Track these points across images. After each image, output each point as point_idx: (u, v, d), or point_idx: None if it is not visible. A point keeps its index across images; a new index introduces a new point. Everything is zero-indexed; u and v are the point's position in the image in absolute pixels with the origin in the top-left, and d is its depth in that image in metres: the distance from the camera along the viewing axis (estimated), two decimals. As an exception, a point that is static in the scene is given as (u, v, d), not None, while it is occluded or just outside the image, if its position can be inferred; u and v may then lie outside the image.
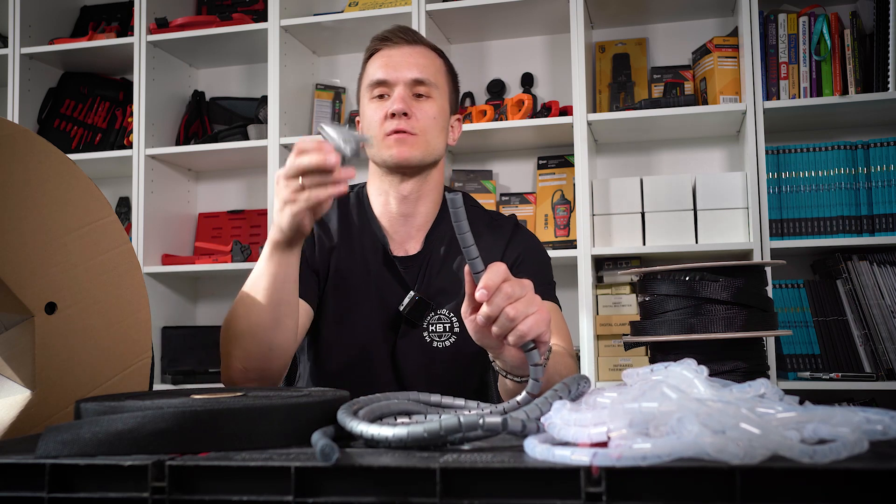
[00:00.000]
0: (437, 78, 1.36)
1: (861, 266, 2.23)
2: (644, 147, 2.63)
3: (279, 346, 1.16)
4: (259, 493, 0.57)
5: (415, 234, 1.39)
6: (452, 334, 1.36)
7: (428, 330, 1.35)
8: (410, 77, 1.32)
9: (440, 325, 1.35)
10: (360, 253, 1.37)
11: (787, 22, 2.33)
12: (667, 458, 0.52)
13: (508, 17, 2.58)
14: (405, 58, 1.34)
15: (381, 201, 1.38)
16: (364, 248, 1.37)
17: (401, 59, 1.34)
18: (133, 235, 2.65)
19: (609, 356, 2.35)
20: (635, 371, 0.76)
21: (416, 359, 1.36)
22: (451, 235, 1.37)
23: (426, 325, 1.35)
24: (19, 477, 0.61)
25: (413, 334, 1.36)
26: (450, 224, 1.36)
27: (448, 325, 1.36)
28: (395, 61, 1.34)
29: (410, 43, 1.37)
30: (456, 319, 1.36)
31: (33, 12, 2.88)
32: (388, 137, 1.31)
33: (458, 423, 0.61)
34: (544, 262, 1.43)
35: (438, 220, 1.40)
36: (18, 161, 0.90)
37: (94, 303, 0.93)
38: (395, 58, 1.34)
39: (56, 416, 0.89)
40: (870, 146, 2.27)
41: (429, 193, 1.38)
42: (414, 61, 1.34)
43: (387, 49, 1.36)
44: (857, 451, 0.54)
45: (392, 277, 1.36)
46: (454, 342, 1.35)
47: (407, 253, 1.38)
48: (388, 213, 1.38)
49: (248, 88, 2.99)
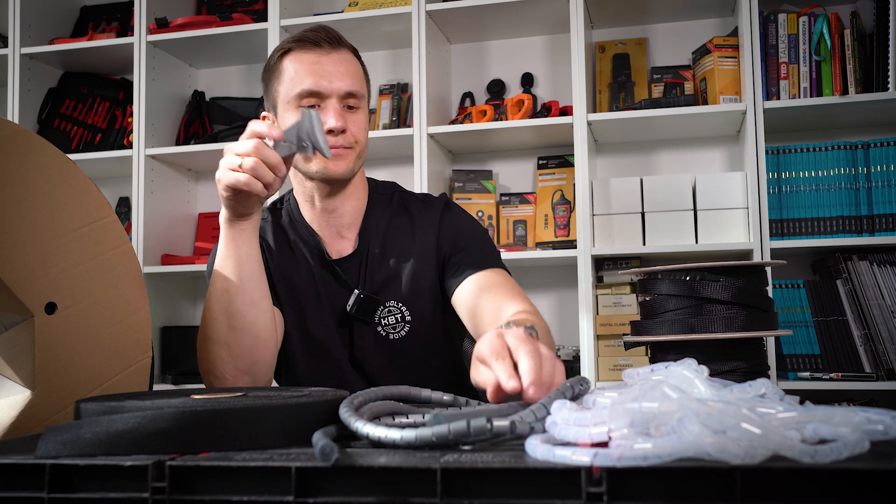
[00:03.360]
0: (362, 87, 1.35)
1: (861, 266, 2.23)
2: (644, 147, 2.63)
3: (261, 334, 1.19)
4: (259, 493, 0.57)
5: (346, 232, 1.39)
6: (405, 324, 1.36)
7: (381, 324, 1.36)
8: (344, 89, 1.30)
9: (391, 318, 1.36)
10: (300, 261, 1.38)
11: (787, 22, 2.33)
12: (667, 458, 0.52)
13: (508, 17, 2.58)
14: (336, 66, 1.30)
15: (308, 206, 1.39)
16: (303, 256, 1.38)
17: (332, 69, 1.30)
18: (133, 235, 2.65)
19: (609, 356, 2.35)
20: (635, 371, 0.76)
21: (375, 354, 1.37)
22: (384, 228, 1.39)
23: (378, 319, 1.36)
24: (19, 477, 0.61)
25: (367, 331, 1.36)
26: (381, 215, 1.40)
27: (399, 316, 1.36)
28: (326, 70, 1.29)
29: (335, 47, 1.32)
30: (406, 309, 1.36)
31: (33, 12, 2.88)
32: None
33: (467, 427, 0.61)
34: (483, 236, 1.43)
35: (367, 212, 1.40)
36: (18, 161, 0.90)
37: (94, 303, 0.93)
38: (325, 66, 1.30)
39: (56, 416, 0.89)
40: (870, 146, 2.27)
41: (354, 191, 1.38)
42: (344, 70, 1.31)
43: (309, 53, 1.31)
44: (857, 451, 0.54)
45: (334, 280, 1.37)
46: (409, 331, 1.36)
47: (342, 254, 1.38)
48: (316, 216, 1.38)
49: (248, 88, 2.99)
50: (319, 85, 1.29)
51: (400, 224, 1.41)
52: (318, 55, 1.30)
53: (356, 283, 1.36)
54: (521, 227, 2.62)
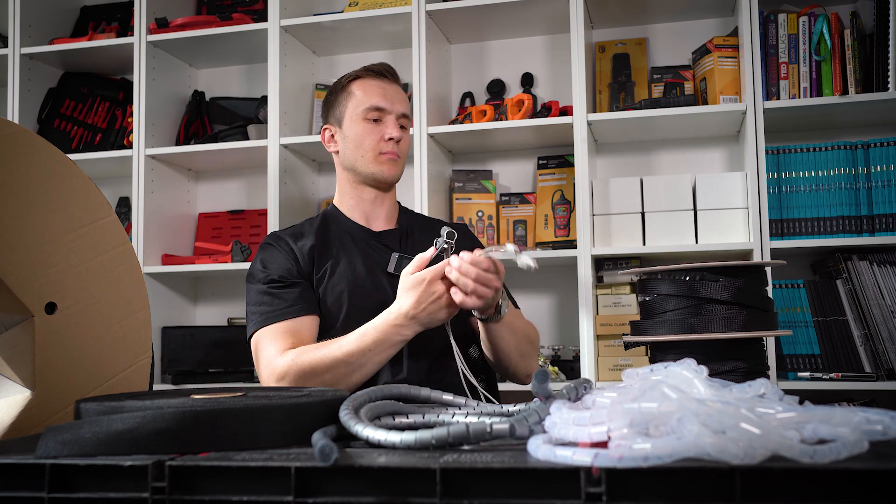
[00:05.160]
0: (410, 113, 1.70)
1: (861, 266, 2.23)
2: (644, 147, 2.63)
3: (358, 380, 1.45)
4: (259, 493, 0.57)
5: (386, 222, 1.68)
6: None
7: None
8: (401, 111, 1.64)
9: None
10: (340, 239, 1.62)
11: (787, 22, 2.33)
12: (668, 458, 0.52)
13: (508, 17, 2.58)
14: (395, 93, 1.65)
15: (354, 204, 1.66)
16: (345, 235, 1.63)
17: (394, 94, 1.64)
18: (133, 235, 2.65)
19: (609, 356, 2.35)
20: (635, 371, 0.76)
21: None
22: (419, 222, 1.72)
23: None
24: (19, 477, 0.61)
25: None
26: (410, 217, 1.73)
27: None
28: (389, 94, 1.64)
29: (395, 82, 1.68)
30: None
31: (33, 12, 2.88)
32: (382, 156, 1.60)
33: (467, 431, 0.61)
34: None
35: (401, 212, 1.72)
36: (19, 161, 0.90)
37: (94, 303, 0.93)
38: (388, 91, 1.64)
39: (56, 416, 0.89)
40: (870, 146, 2.27)
41: (392, 196, 1.70)
42: (401, 97, 1.66)
43: (376, 80, 1.65)
44: (856, 451, 0.54)
45: (379, 248, 1.61)
46: None
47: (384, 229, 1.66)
48: (362, 211, 1.66)
49: (248, 88, 2.99)
50: (384, 103, 1.62)
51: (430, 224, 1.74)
52: (382, 82, 1.65)
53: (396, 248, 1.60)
54: (521, 227, 2.62)
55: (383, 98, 1.62)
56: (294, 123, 2.68)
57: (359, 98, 1.62)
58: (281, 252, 1.57)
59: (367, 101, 1.61)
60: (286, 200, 2.59)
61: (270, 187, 2.56)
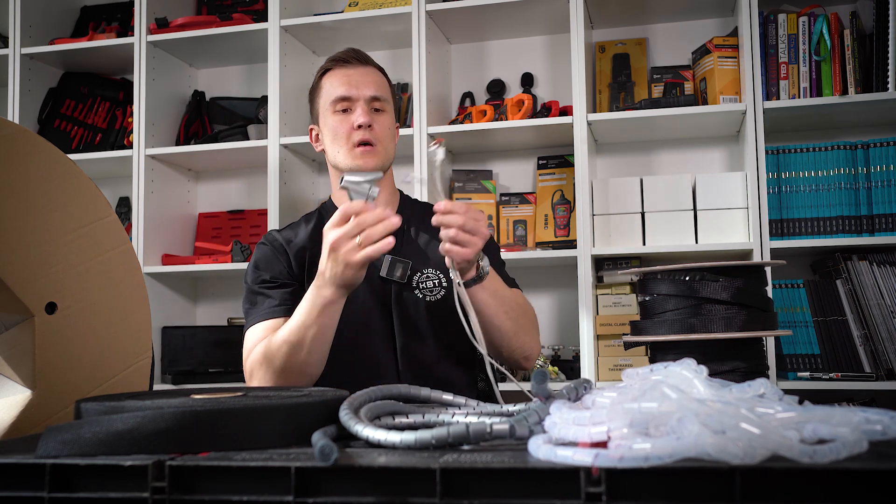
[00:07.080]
0: (386, 94, 1.58)
1: (861, 266, 2.23)
2: (644, 147, 2.63)
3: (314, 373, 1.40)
4: (259, 493, 0.57)
5: None
6: (442, 288, 1.53)
7: (419, 287, 1.53)
8: (369, 94, 1.54)
9: (429, 282, 1.53)
10: None
11: (787, 22, 2.33)
12: (668, 459, 0.52)
13: (508, 17, 2.58)
14: (362, 77, 1.55)
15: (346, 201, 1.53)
16: None
17: (359, 78, 1.55)
18: (133, 235, 2.65)
19: (609, 356, 2.35)
20: (635, 371, 0.76)
21: (411, 314, 1.51)
22: (419, 217, 1.61)
23: (416, 283, 1.52)
24: (20, 477, 0.61)
25: (405, 294, 1.52)
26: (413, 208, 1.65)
27: (437, 281, 1.53)
28: (354, 80, 1.55)
29: (363, 63, 1.58)
30: (442, 275, 1.53)
31: (33, 12, 2.88)
32: (356, 149, 1.51)
33: (467, 431, 0.62)
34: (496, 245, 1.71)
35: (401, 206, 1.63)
36: (19, 161, 0.90)
37: (94, 303, 0.93)
38: (353, 77, 1.55)
39: (56, 416, 0.89)
40: (870, 146, 2.27)
41: (384, 191, 1.57)
42: (370, 80, 1.56)
43: (342, 69, 1.56)
44: (856, 451, 0.54)
45: None
46: (444, 295, 1.52)
47: None
48: None
49: (248, 88, 2.99)
50: (349, 91, 1.53)
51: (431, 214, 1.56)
52: (347, 69, 1.56)
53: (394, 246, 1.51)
54: (521, 227, 2.62)
55: (347, 86, 1.54)
56: (294, 123, 2.68)
57: (326, 91, 1.57)
58: (273, 253, 1.56)
59: (333, 93, 1.55)
60: (286, 200, 2.59)
61: (270, 187, 2.56)
